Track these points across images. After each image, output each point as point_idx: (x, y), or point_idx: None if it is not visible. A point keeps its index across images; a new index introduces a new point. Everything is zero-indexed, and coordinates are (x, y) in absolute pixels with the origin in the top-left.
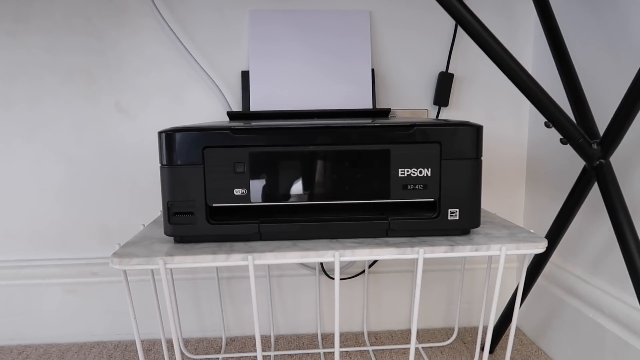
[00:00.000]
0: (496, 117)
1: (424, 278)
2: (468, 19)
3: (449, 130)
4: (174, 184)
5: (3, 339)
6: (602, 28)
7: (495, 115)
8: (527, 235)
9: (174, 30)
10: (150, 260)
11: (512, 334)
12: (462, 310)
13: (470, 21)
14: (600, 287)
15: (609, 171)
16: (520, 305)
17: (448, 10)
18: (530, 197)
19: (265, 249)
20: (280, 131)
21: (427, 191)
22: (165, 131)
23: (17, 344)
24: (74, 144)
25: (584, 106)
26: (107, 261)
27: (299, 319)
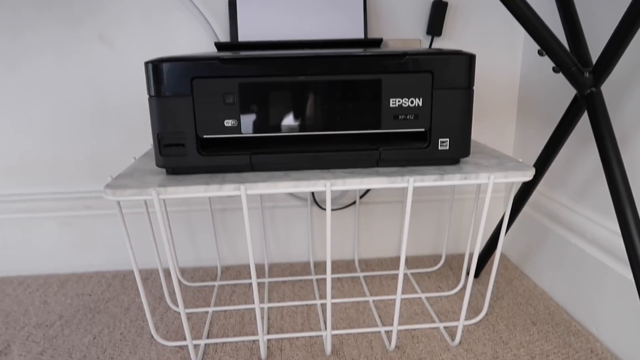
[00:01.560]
0: (490, 47)
1: (413, 208)
2: None
3: (441, 59)
4: (163, 116)
5: (3, 271)
6: None
7: (489, 45)
8: (516, 164)
9: None
10: (143, 191)
11: (496, 259)
12: (450, 238)
13: None
14: (585, 214)
15: (599, 100)
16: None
17: None
18: (520, 128)
19: (257, 180)
20: (270, 61)
21: (418, 121)
22: (152, 61)
23: (16, 275)
24: (57, 77)
25: (579, 34)
26: (100, 194)
27: (292, 249)
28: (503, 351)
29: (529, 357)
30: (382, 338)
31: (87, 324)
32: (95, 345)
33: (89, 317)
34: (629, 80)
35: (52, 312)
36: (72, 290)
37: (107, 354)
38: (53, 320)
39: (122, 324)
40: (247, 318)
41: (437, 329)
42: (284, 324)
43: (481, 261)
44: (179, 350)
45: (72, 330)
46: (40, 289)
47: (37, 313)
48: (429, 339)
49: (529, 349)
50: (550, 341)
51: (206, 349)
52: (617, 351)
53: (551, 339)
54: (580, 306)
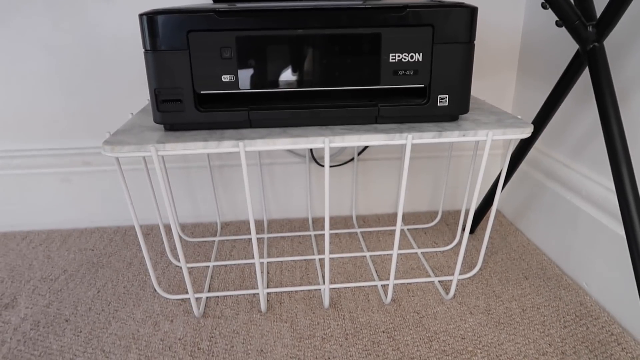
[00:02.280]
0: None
1: (411, 164)
2: None
3: (442, 12)
4: (159, 71)
5: (4, 226)
6: None
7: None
8: (514, 121)
9: None
10: (142, 148)
11: (492, 216)
12: (447, 195)
13: None
14: (580, 171)
15: (601, 55)
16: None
17: None
18: (521, 85)
19: (255, 136)
20: (267, 13)
21: (418, 77)
22: (146, 14)
23: (19, 230)
24: (50, 30)
25: None
26: (99, 151)
27: (290, 205)
28: (495, 304)
29: (520, 309)
30: (379, 291)
31: (91, 277)
32: (100, 298)
33: (92, 272)
34: (632, 36)
35: (56, 267)
36: (74, 245)
37: (111, 307)
38: (57, 274)
39: (125, 278)
40: (247, 272)
41: (432, 283)
42: (283, 278)
43: (477, 217)
44: (181, 303)
45: (77, 284)
46: (43, 244)
47: (41, 267)
48: (424, 292)
49: (521, 302)
50: (541, 295)
51: (208, 302)
52: (606, 305)
53: (542, 292)
54: (572, 261)
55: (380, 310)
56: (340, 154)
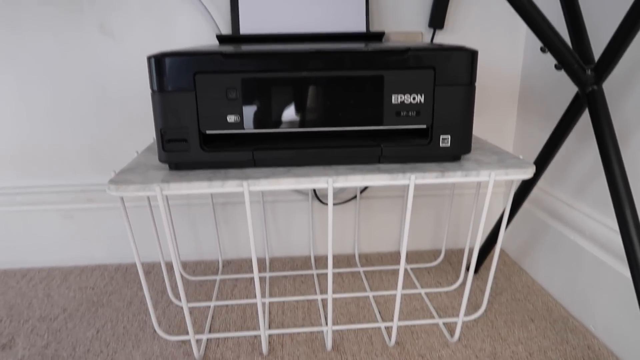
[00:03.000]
0: (492, 40)
1: (413, 203)
2: None
3: (443, 55)
4: (166, 111)
5: (5, 263)
6: None
7: (490, 38)
8: (516, 161)
9: None
10: (147, 187)
11: (496, 255)
12: (450, 233)
13: None
14: (583, 211)
15: (600, 98)
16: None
17: None
18: (521, 124)
19: (259, 176)
20: (272, 56)
21: (420, 118)
22: (154, 56)
23: (19, 267)
24: (58, 66)
25: (581, 30)
26: (102, 187)
27: (293, 243)
28: (501, 347)
29: (527, 353)
30: (382, 334)
31: (91, 317)
32: (99, 339)
33: (92, 311)
34: (630, 78)
35: (55, 305)
36: (75, 283)
37: (110, 348)
38: (57, 313)
39: (125, 318)
40: (248, 312)
41: (437, 324)
42: (285, 319)
43: (480, 257)
44: (181, 344)
45: (76, 324)
46: (43, 282)
47: (40, 306)
48: (429, 334)
49: (527, 345)
50: (548, 338)
51: (208, 344)
52: (614, 348)
53: (549, 335)
54: (578, 303)
55: (384, 354)
56: (342, 192)
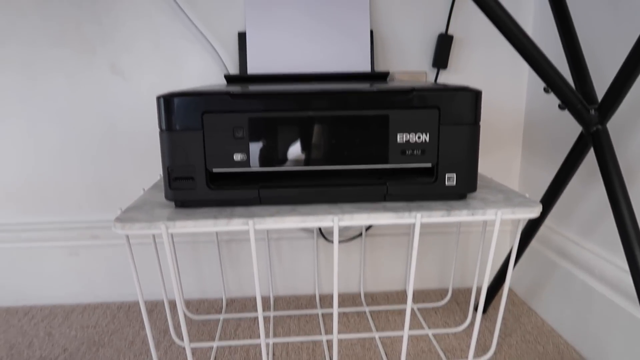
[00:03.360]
0: (495, 80)
1: (419, 241)
2: None
3: (447, 95)
4: (173, 150)
5: (8, 301)
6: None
7: (494, 78)
8: (522, 200)
9: None
10: (153, 225)
11: (504, 295)
12: (456, 271)
13: None
14: (592, 250)
15: (605, 137)
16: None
17: None
18: (526, 162)
19: (265, 214)
20: (279, 96)
21: (425, 156)
22: (163, 96)
23: (22, 305)
24: (69, 106)
25: (584, 71)
26: (108, 224)
27: (298, 281)
28: None
29: None
30: None
31: (91, 358)
32: None
33: (93, 351)
34: (635, 116)
35: (56, 345)
36: (76, 321)
37: None
38: (57, 353)
39: (126, 359)
40: (252, 353)
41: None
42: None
43: (489, 296)
44: None
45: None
46: (45, 320)
47: (41, 346)
48: None
49: None
50: None
51: None
52: None
53: None
54: (590, 345)
55: None
56: (348, 230)
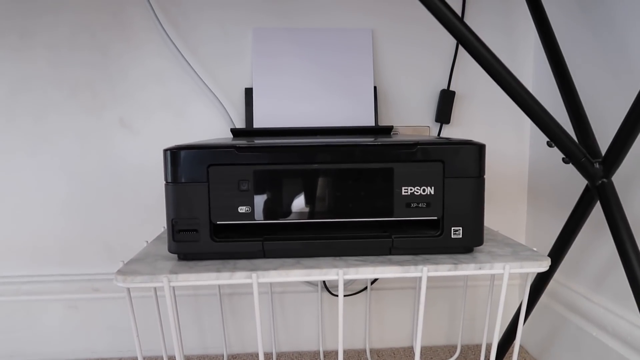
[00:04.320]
0: (498, 133)
1: (426, 295)
2: (468, 38)
3: (451, 149)
4: (178, 202)
5: (3, 356)
6: (602, 47)
7: (496, 132)
8: (530, 254)
9: (177, 47)
10: (155, 278)
11: (516, 351)
12: (465, 327)
13: (471, 40)
14: (603, 304)
15: (611, 190)
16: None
17: (449, 29)
18: (532, 214)
19: (269, 267)
20: (284, 149)
21: (430, 209)
22: (170, 149)
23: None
24: (77, 159)
25: (585, 125)
26: (109, 277)
27: (301, 336)
28: None
29: None
30: None
31: None
32: None
33: None
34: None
35: None
36: None
37: None
38: None
39: None
40: None
41: None
42: None
43: (499, 353)
44: None
45: None
46: None
47: None
48: None
49: None
50: None
51: None
52: None
53: None
54: None
55: None
56: (352, 283)
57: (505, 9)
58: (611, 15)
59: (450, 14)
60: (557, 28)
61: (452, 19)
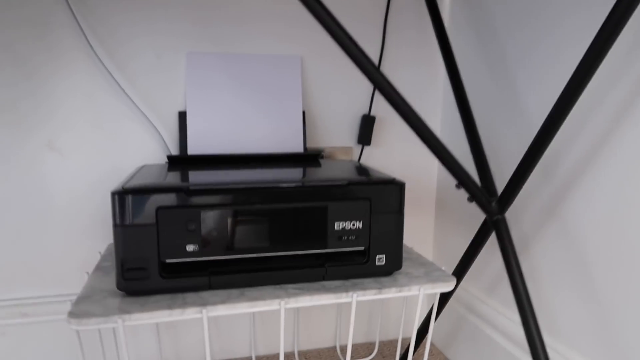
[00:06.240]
0: (411, 154)
1: None
2: (385, 89)
3: (377, 188)
4: (127, 243)
5: None
6: (503, 98)
7: (410, 153)
8: (440, 274)
9: (109, 70)
10: (109, 320)
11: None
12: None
13: (388, 91)
14: (495, 307)
15: (503, 225)
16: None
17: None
18: (438, 227)
19: (216, 300)
20: (230, 192)
21: (358, 240)
22: (117, 192)
23: None
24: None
25: (486, 168)
26: (38, 301)
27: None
28: None
29: None
30: None
31: None
32: None
33: None
34: (526, 200)
35: None
36: None
37: None
38: None
39: None
40: None
41: None
42: None
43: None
44: None
45: None
46: None
47: None
48: None
49: None
50: None
51: None
52: None
53: None
54: None
55: None
56: None
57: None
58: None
59: (365, 60)
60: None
61: (367, 65)
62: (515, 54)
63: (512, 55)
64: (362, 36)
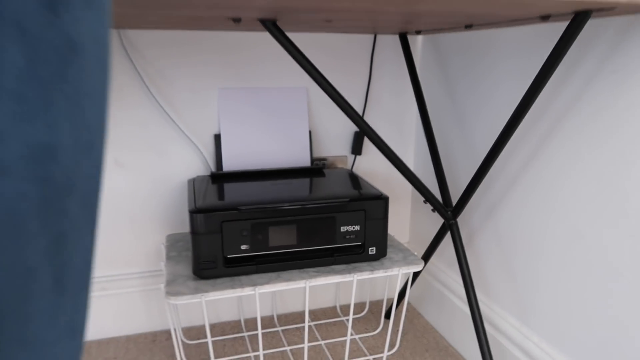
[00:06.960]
0: None
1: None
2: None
3: (370, 203)
4: (202, 245)
5: None
6: (457, 124)
7: None
8: (414, 259)
9: (160, 103)
10: (195, 296)
11: (404, 310)
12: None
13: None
14: (453, 277)
15: (456, 227)
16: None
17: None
18: (413, 215)
19: (262, 281)
20: (271, 211)
21: (357, 238)
22: (194, 211)
23: None
24: None
25: (444, 184)
26: (115, 278)
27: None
28: None
29: None
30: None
31: None
32: None
33: None
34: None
35: None
36: (99, 355)
37: None
38: None
39: None
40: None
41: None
42: None
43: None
44: None
45: None
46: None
47: None
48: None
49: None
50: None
51: None
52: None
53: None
54: (455, 337)
55: None
56: None
57: (401, 76)
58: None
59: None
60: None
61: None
62: (464, 89)
63: (463, 90)
64: (353, 70)
